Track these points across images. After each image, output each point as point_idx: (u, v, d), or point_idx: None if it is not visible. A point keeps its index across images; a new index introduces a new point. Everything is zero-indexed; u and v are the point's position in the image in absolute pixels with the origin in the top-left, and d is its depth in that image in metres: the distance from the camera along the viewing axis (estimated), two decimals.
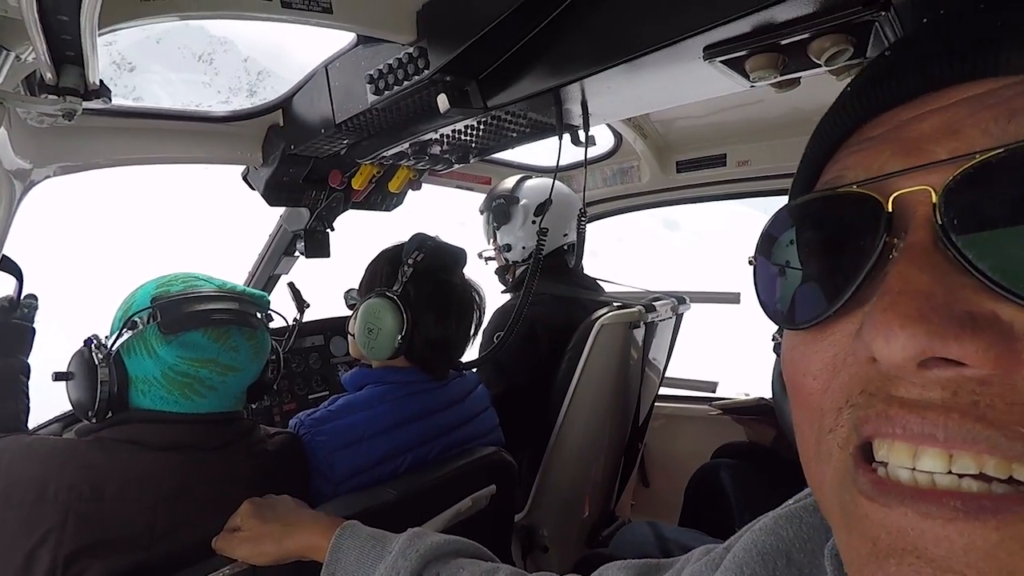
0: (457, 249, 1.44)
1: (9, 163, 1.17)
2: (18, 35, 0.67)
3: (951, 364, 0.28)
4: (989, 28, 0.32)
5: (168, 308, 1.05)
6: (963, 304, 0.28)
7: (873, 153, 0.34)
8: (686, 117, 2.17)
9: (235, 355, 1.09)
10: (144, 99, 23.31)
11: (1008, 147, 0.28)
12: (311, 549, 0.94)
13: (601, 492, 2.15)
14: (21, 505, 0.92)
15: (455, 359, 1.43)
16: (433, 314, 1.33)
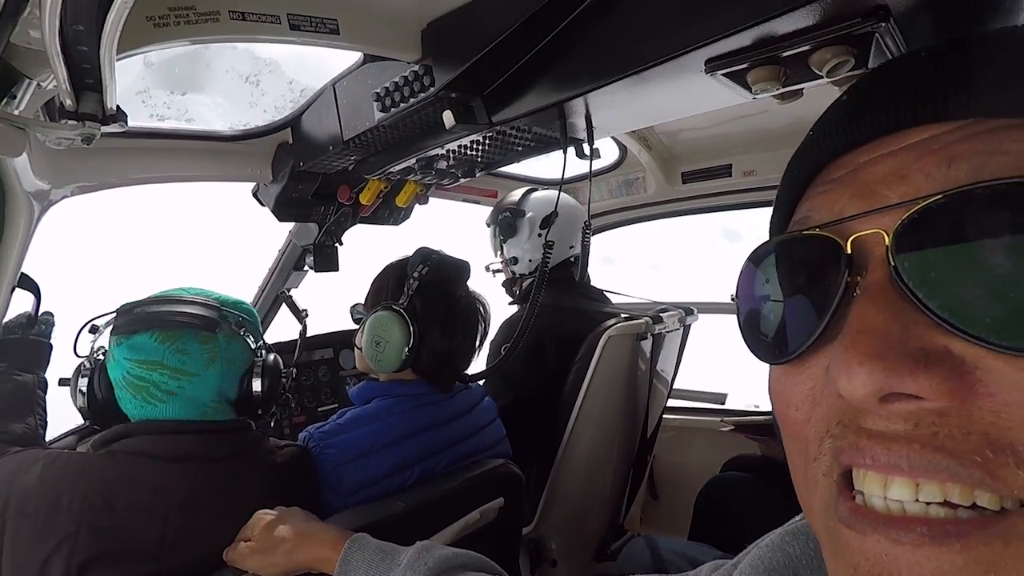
0: (461, 262, 1.45)
1: (29, 184, 1.20)
2: (39, 64, 0.69)
3: (911, 398, 0.30)
4: (929, 76, 0.35)
5: (125, 312, 1.09)
6: (917, 341, 0.30)
7: (834, 196, 0.37)
8: (690, 129, 2.18)
9: (183, 358, 1.08)
10: (196, 120, 24.14)
11: (945, 193, 0.30)
12: (321, 561, 0.94)
13: (609, 505, 2.14)
14: (36, 515, 0.94)
15: (461, 371, 1.44)
16: (439, 327, 1.34)
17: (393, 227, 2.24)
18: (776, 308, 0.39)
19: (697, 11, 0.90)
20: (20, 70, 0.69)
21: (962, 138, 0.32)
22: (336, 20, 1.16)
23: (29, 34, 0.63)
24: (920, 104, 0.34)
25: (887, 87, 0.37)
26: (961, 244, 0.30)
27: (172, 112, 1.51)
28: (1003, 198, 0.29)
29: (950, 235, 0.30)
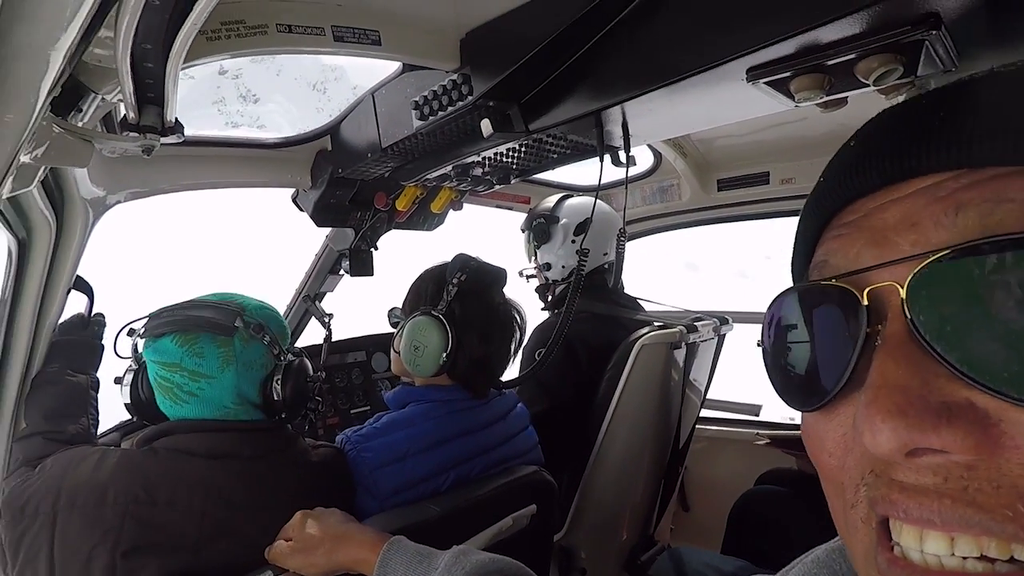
0: (498, 269, 1.46)
1: (86, 191, 1.26)
2: (105, 79, 0.73)
3: (937, 452, 0.30)
4: (933, 126, 0.35)
5: (153, 317, 1.14)
6: (939, 394, 0.30)
7: (849, 241, 0.37)
8: (727, 136, 2.16)
9: (200, 361, 1.11)
10: (266, 126, 24.86)
11: (954, 248, 0.31)
12: (359, 563, 0.96)
13: (640, 515, 2.12)
14: (84, 507, 0.99)
15: (496, 377, 1.45)
16: (477, 333, 1.35)
17: (427, 232, 2.27)
18: (801, 356, 0.39)
19: (739, 19, 0.89)
20: (88, 85, 0.73)
21: (968, 185, 0.32)
22: (378, 31, 1.18)
23: (96, 52, 0.66)
24: (924, 154, 0.34)
25: (892, 137, 0.37)
26: (973, 299, 0.30)
27: (245, 119, 1.57)
28: (1011, 253, 0.29)
29: (962, 290, 0.30)
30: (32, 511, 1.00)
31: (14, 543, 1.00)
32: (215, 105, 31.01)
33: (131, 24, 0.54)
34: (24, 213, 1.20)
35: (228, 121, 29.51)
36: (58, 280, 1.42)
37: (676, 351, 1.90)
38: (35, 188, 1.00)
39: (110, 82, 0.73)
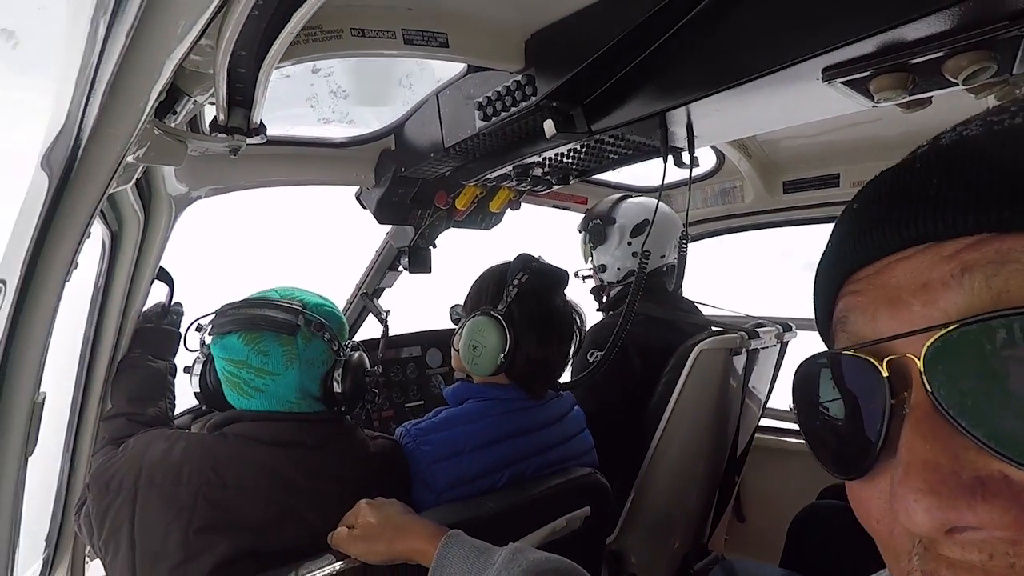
0: (560, 271, 1.46)
1: (172, 188, 1.34)
2: (197, 83, 0.78)
3: (977, 528, 0.29)
4: (923, 195, 0.35)
5: (220, 314, 1.19)
6: (970, 469, 0.29)
7: (866, 299, 0.38)
8: (795, 136, 2.09)
9: (265, 359, 1.16)
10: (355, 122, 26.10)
11: (962, 323, 0.30)
12: (418, 553, 0.99)
13: (694, 524, 2.07)
14: (162, 485, 1.05)
15: (554, 379, 1.45)
16: (535, 334, 1.35)
17: (484, 231, 2.30)
18: (833, 425, 0.38)
19: (816, 17, 0.87)
20: (183, 89, 0.78)
21: (970, 245, 0.32)
22: (446, 34, 1.21)
23: (194, 59, 0.71)
24: (922, 224, 0.34)
25: (891, 206, 0.37)
26: (989, 372, 0.29)
27: (335, 115, 1.63)
28: (1019, 327, 0.28)
29: (976, 364, 0.30)
30: (116, 486, 1.08)
31: (100, 516, 1.08)
32: (308, 102, 32.88)
33: (233, 34, 0.57)
34: (118, 208, 1.30)
35: (320, 117, 31.05)
36: (144, 270, 1.52)
37: (736, 357, 1.85)
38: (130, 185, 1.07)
39: (203, 85, 0.77)
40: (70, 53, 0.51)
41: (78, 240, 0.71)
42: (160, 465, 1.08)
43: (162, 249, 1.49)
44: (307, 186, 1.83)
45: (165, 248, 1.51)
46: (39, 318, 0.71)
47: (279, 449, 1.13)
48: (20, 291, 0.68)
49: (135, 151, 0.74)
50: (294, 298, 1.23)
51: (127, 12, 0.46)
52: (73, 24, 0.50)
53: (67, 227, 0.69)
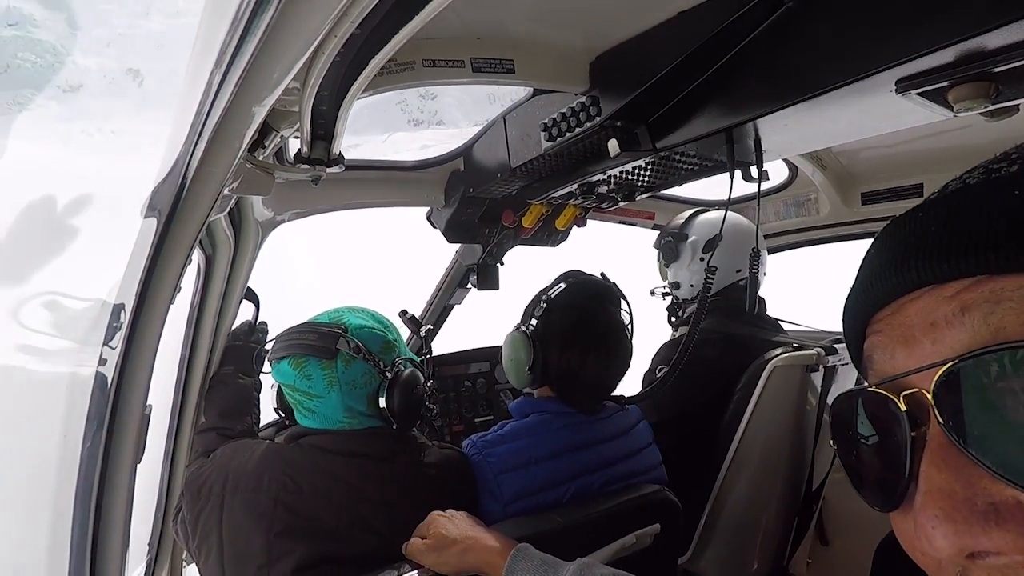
0: (601, 283, 1.46)
1: (259, 214, 1.45)
2: (284, 119, 0.86)
3: (997, 553, 0.30)
4: (923, 243, 0.38)
5: (279, 339, 1.25)
6: (985, 496, 0.31)
7: (885, 339, 0.40)
8: (874, 147, 2.00)
9: (310, 383, 1.21)
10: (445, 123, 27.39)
11: (961, 357, 0.32)
12: (488, 565, 1.01)
13: (773, 545, 1.99)
14: (245, 491, 1.13)
15: (601, 392, 1.43)
16: (559, 348, 1.36)
17: (551, 248, 2.32)
18: (867, 458, 0.40)
19: (888, 29, 0.84)
20: (271, 125, 0.85)
21: (969, 286, 0.34)
22: (512, 60, 1.25)
23: (282, 99, 0.78)
24: (924, 269, 0.37)
25: (897, 253, 0.40)
26: (989, 404, 0.31)
27: (425, 116, 1.71)
28: (1009, 361, 0.31)
29: (977, 397, 0.32)
30: (206, 493, 1.16)
31: (193, 521, 1.16)
32: (398, 106, 34.30)
33: (318, 78, 0.63)
34: (213, 235, 1.42)
35: (410, 119, 32.22)
36: (233, 290, 1.64)
37: (813, 374, 1.78)
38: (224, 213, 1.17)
39: (288, 120, 0.85)
40: (187, 102, 0.58)
41: (181, 267, 0.79)
42: (243, 473, 1.15)
43: (250, 270, 1.60)
44: (382, 208, 1.92)
45: (252, 269, 1.62)
46: (148, 337, 0.79)
47: (348, 459, 1.18)
48: (134, 313, 0.76)
49: (231, 184, 0.82)
50: (340, 322, 1.26)
51: (238, 64, 0.52)
52: (194, 76, 0.57)
53: (172, 256, 0.77)
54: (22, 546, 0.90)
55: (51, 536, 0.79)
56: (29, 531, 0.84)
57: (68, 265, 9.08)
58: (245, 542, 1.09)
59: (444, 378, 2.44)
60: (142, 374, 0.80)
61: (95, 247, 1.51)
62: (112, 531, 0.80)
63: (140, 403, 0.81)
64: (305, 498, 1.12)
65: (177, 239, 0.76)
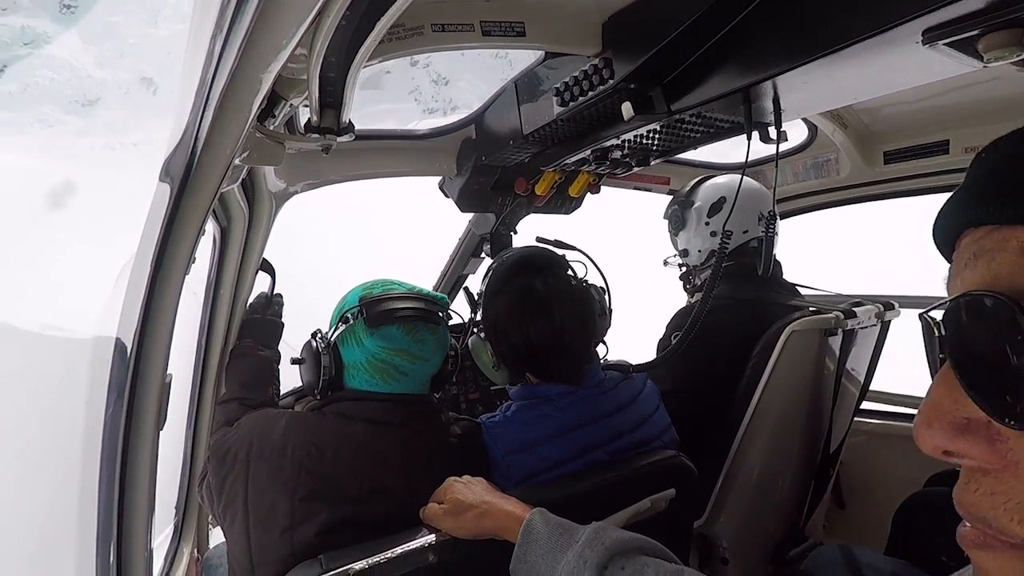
0: (526, 256, 1.45)
1: (272, 184, 1.45)
2: (293, 87, 0.85)
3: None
4: (967, 186, 0.43)
5: (371, 306, 1.27)
6: (964, 411, 0.38)
7: (952, 265, 0.44)
8: (896, 103, 1.93)
9: (422, 346, 1.27)
10: (459, 107, 27.21)
11: (955, 297, 0.39)
12: (504, 530, 1.02)
13: (788, 509, 2.01)
14: (269, 458, 1.15)
15: (569, 359, 1.37)
16: (506, 335, 1.35)
17: (564, 216, 2.30)
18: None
19: None
20: (280, 94, 0.85)
21: (986, 233, 0.40)
22: (523, 23, 1.23)
23: (289, 66, 0.77)
24: (965, 212, 0.42)
25: (957, 192, 0.44)
26: (970, 340, 0.38)
27: (439, 103, 1.70)
28: (984, 307, 0.37)
29: (964, 333, 0.39)
30: (231, 459, 1.19)
31: (218, 487, 1.20)
32: (411, 95, 33.87)
33: (323, 43, 0.62)
34: (227, 206, 1.42)
35: (425, 108, 31.77)
36: (249, 262, 1.66)
37: (831, 338, 1.76)
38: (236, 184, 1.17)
39: (297, 89, 0.84)
40: (190, 72, 0.58)
41: (195, 237, 0.80)
42: (267, 440, 1.18)
43: (264, 242, 1.62)
44: (393, 177, 1.91)
45: (267, 241, 1.63)
46: (166, 307, 0.80)
47: (372, 427, 1.21)
48: (150, 284, 0.77)
49: (241, 154, 0.82)
50: (414, 290, 1.34)
51: (239, 29, 0.51)
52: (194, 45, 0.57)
53: (186, 226, 0.77)
54: (54, 507, 0.93)
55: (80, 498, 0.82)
56: (61, 494, 0.88)
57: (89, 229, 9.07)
58: (270, 506, 1.11)
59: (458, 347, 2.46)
60: (161, 342, 0.81)
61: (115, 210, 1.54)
62: (137, 494, 0.83)
63: (160, 371, 0.82)
64: (328, 464, 1.14)
65: (190, 210, 0.76)
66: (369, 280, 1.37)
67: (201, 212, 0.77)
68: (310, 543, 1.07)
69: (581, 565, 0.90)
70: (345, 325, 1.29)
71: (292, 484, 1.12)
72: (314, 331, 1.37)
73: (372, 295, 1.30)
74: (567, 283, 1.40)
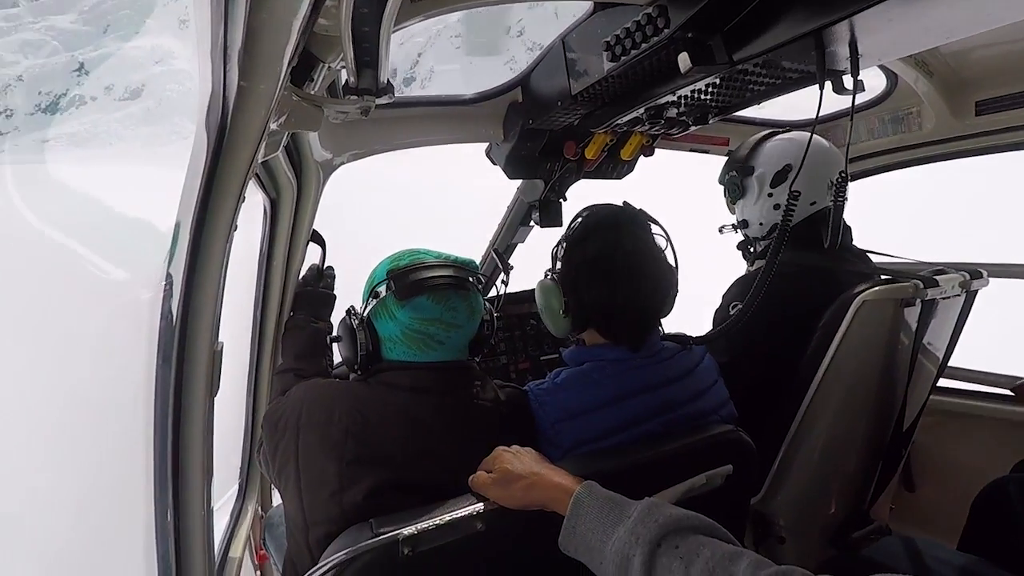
0: (622, 210, 1.42)
1: (318, 155, 1.44)
2: (329, 48, 0.82)
3: None
4: None
5: (400, 278, 1.27)
6: None
7: None
8: (991, 44, 1.73)
9: (455, 314, 1.27)
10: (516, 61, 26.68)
11: None
12: (553, 501, 1.00)
13: (852, 490, 1.90)
14: (318, 424, 1.19)
15: (641, 321, 1.36)
16: (585, 282, 1.34)
17: (616, 181, 2.21)
18: None
19: None
20: (316, 55, 0.82)
21: None
22: None
23: (322, 23, 0.73)
24: None
25: None
26: None
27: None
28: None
29: None
30: (283, 426, 1.23)
31: (272, 452, 1.24)
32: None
33: None
34: (274, 177, 1.43)
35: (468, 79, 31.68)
36: (300, 233, 1.67)
37: (907, 309, 1.63)
38: (280, 153, 1.16)
39: (334, 50, 0.80)
40: (200, 23, 0.55)
41: (236, 201, 0.78)
42: (316, 407, 1.22)
43: (314, 213, 1.62)
44: (440, 145, 1.88)
45: (316, 212, 1.64)
46: (210, 274, 0.80)
47: (414, 394, 1.23)
48: (191, 251, 0.76)
49: (277, 118, 0.80)
50: (442, 257, 1.33)
51: None
52: None
53: (226, 188, 0.76)
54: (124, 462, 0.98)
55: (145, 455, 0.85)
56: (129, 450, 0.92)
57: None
58: (320, 471, 1.15)
59: (509, 316, 2.44)
60: (207, 311, 0.81)
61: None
62: (192, 457, 0.85)
63: (208, 339, 0.83)
64: (373, 430, 1.17)
65: (229, 171, 0.74)
66: (397, 251, 1.37)
67: (239, 176, 0.75)
68: (359, 505, 1.09)
69: (632, 542, 0.87)
70: (376, 299, 1.30)
71: (339, 450, 1.14)
72: (348, 308, 1.40)
73: (400, 267, 1.30)
74: (656, 247, 1.39)
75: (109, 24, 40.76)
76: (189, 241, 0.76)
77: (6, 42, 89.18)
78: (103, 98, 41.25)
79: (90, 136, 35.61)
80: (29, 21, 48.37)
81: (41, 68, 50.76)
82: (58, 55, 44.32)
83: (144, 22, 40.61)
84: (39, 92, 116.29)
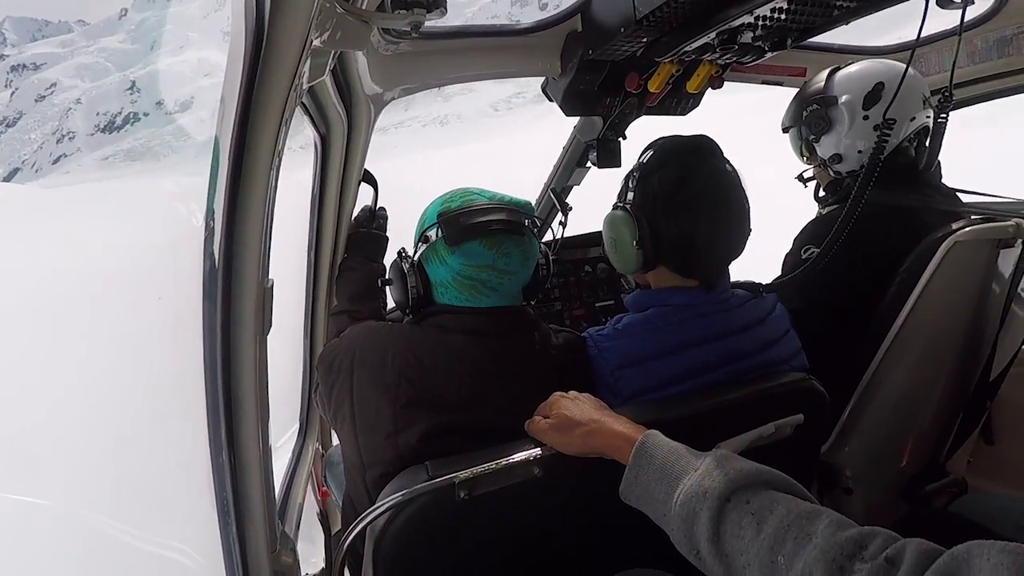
0: (696, 137, 1.30)
1: (368, 88, 1.39)
2: None
3: None
4: None
5: (450, 223, 1.21)
6: None
7: None
8: None
9: (507, 260, 1.22)
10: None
11: None
12: (613, 449, 0.97)
13: (926, 442, 1.80)
14: (372, 366, 1.18)
15: (721, 257, 1.29)
16: (663, 212, 1.23)
17: (679, 117, 2.08)
18: None
19: None
20: None
21: None
22: None
23: None
24: None
25: None
26: None
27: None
28: None
29: None
30: (337, 367, 1.23)
31: (327, 393, 1.25)
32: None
33: None
34: (323, 110, 1.39)
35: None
36: (351, 171, 1.64)
37: (1004, 251, 1.48)
38: (328, 79, 1.11)
39: None
40: None
41: (279, 120, 0.73)
42: (369, 349, 1.21)
43: (365, 150, 1.59)
44: (494, 79, 1.79)
45: (367, 150, 1.60)
46: (253, 207, 0.75)
47: (468, 337, 1.21)
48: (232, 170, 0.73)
49: (319, 35, 0.74)
50: (495, 199, 1.27)
51: None
52: None
53: (268, 103, 0.71)
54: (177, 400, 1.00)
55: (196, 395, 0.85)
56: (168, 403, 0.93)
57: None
58: (374, 413, 1.15)
59: (564, 262, 2.38)
60: (253, 248, 0.78)
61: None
62: (245, 395, 0.85)
63: (255, 277, 0.80)
64: (427, 372, 1.16)
65: (270, 87, 0.69)
66: (448, 191, 1.31)
67: (282, 92, 0.70)
68: (413, 447, 1.09)
69: (700, 495, 0.82)
70: (426, 244, 1.26)
71: (393, 392, 1.14)
72: (399, 250, 1.36)
73: (451, 209, 1.24)
74: (731, 175, 1.28)
75: (155, 40, 41.72)
76: (229, 164, 0.72)
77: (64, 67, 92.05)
78: (155, 113, 42.54)
79: (145, 150, 36.98)
80: (83, 45, 49.66)
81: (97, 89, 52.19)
82: (110, 75, 45.62)
83: (188, 35, 41.50)
84: (96, 113, 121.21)
